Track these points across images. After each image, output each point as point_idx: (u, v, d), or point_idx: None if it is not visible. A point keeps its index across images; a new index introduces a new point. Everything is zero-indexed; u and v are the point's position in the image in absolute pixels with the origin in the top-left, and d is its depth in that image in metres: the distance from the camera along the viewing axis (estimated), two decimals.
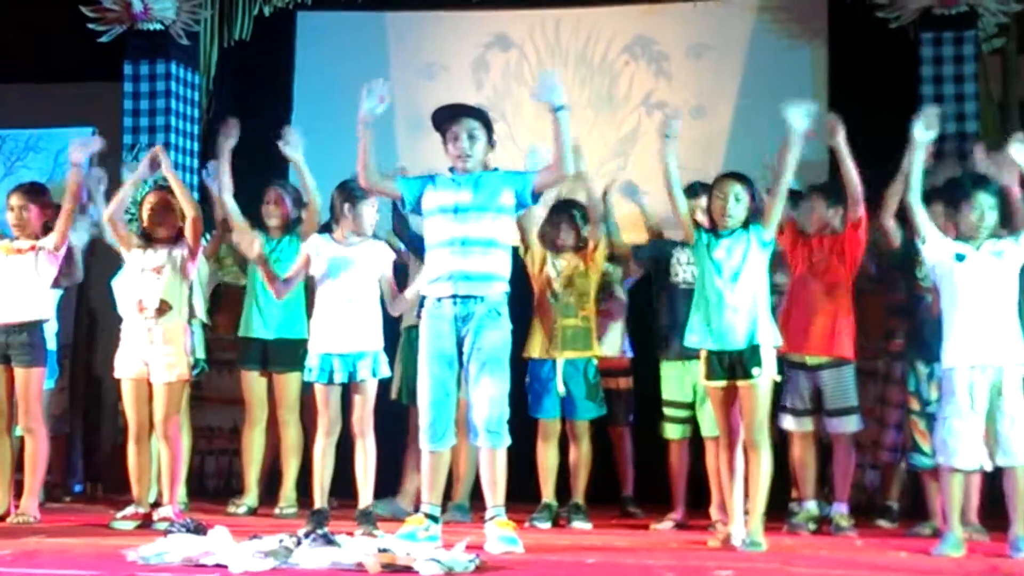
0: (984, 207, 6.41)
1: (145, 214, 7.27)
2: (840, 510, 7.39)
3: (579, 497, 7.75)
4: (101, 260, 8.80)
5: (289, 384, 7.94)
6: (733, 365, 6.40)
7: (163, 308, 7.10)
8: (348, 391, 6.94)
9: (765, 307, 6.49)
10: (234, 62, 10.44)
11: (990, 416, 6.30)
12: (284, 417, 8.02)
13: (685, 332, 6.62)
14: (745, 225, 6.51)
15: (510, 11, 10.28)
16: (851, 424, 7.41)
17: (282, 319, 7.95)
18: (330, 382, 6.86)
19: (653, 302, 7.91)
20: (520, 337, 7.12)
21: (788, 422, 7.43)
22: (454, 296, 6.23)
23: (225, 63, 10.40)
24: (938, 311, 6.58)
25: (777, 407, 7.29)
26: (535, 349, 7.75)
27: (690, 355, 6.95)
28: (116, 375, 7.22)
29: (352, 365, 6.84)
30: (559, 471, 7.81)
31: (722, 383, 6.46)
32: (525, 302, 7.66)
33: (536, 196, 6.48)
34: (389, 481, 7.84)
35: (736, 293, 6.42)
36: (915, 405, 7.24)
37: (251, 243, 7.11)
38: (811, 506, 7.44)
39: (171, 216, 7.24)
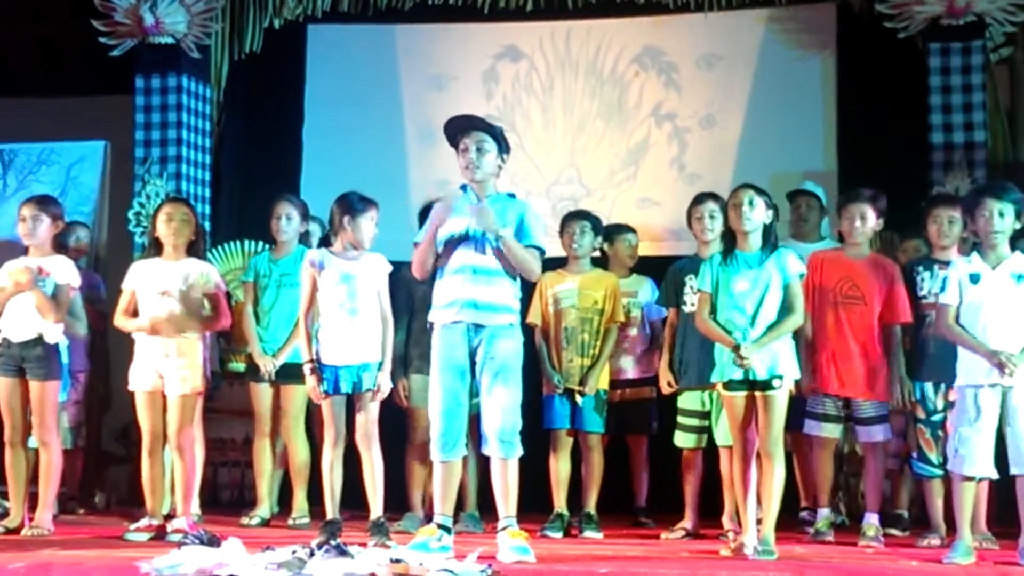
0: (993, 211, 6.36)
1: (161, 226, 7.24)
2: (871, 520, 7.28)
3: (591, 507, 7.78)
4: (112, 271, 8.85)
5: (295, 396, 7.95)
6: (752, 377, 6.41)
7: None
8: (353, 402, 6.95)
9: (787, 339, 6.46)
10: (245, 75, 10.47)
11: (1002, 427, 6.32)
12: (290, 429, 8.04)
13: (711, 371, 6.56)
14: (770, 247, 6.51)
15: (520, 22, 10.28)
16: (881, 432, 7.36)
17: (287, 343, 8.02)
18: (335, 393, 6.88)
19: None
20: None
21: (816, 428, 7.37)
22: (460, 321, 6.27)
23: (236, 76, 10.43)
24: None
25: (803, 413, 7.29)
26: (545, 387, 7.80)
27: (706, 385, 6.96)
28: (130, 387, 7.23)
29: (356, 376, 6.85)
30: (573, 482, 7.84)
31: (740, 393, 6.45)
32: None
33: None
34: (400, 491, 7.90)
35: (757, 328, 6.40)
36: (921, 413, 7.21)
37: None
38: (828, 512, 7.39)
39: (187, 229, 7.24)
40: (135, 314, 7.24)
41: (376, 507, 6.86)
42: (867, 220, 7.33)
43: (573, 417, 7.78)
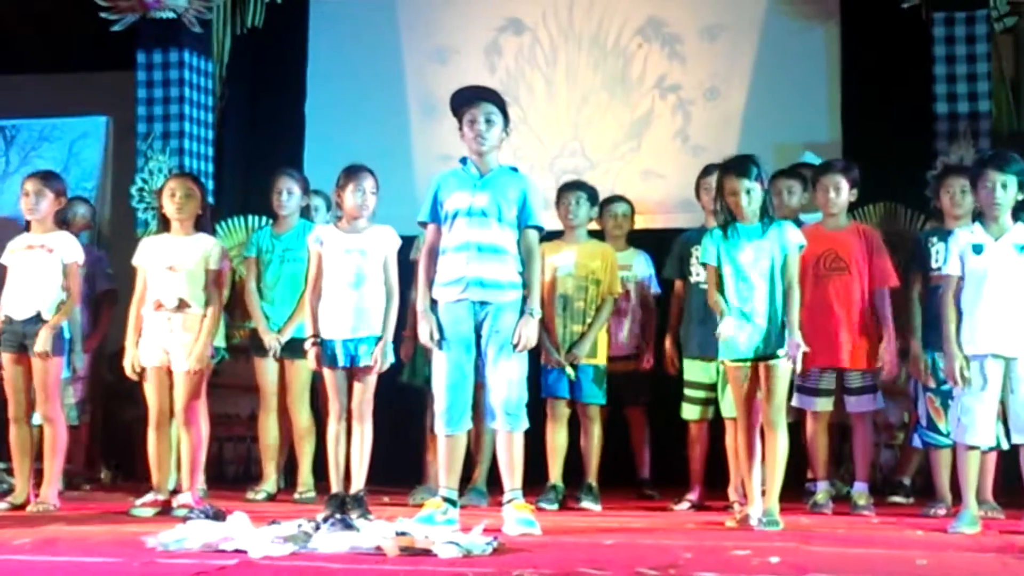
0: (996, 182, 6.36)
1: (165, 202, 7.24)
2: (861, 489, 7.38)
3: (591, 478, 7.73)
4: (115, 247, 8.85)
5: (298, 372, 7.97)
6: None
7: (181, 306, 7.11)
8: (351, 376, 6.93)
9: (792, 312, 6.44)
10: (247, 49, 10.45)
11: (1005, 396, 6.32)
12: (293, 404, 8.07)
13: (718, 344, 6.54)
14: (768, 218, 6.50)
15: None
16: (872, 403, 7.41)
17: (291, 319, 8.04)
18: (332, 366, 6.86)
19: (670, 299, 8.02)
20: None
21: (807, 402, 7.41)
22: (465, 299, 6.26)
23: (238, 51, 10.40)
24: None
25: (794, 386, 7.30)
26: (543, 358, 7.66)
27: (711, 356, 6.95)
28: (140, 363, 7.22)
29: (354, 350, 6.83)
30: (574, 454, 7.81)
31: (745, 364, 6.45)
32: None
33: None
34: (416, 466, 7.94)
35: (764, 301, 6.41)
36: (931, 383, 7.23)
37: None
38: (826, 486, 7.43)
39: (191, 203, 7.22)
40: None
41: (359, 481, 6.83)
42: (841, 191, 7.41)
43: (572, 389, 7.71)
